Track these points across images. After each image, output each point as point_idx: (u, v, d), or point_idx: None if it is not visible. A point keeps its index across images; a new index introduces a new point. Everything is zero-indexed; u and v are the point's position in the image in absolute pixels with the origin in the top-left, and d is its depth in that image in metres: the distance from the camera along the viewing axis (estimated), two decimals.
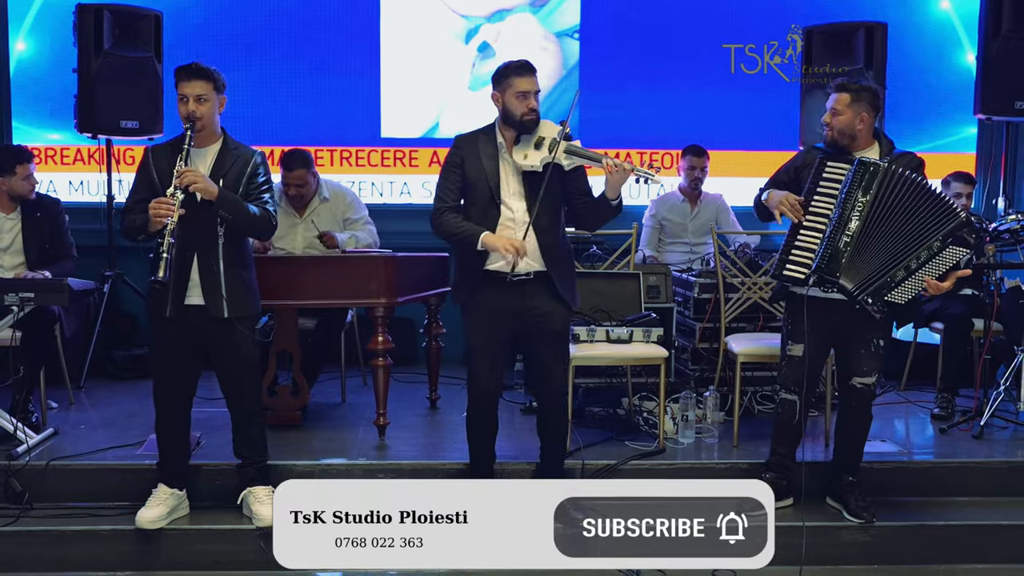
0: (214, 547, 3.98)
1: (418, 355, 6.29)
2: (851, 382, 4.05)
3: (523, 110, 3.87)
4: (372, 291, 4.58)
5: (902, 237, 3.86)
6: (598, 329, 4.63)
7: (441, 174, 4.03)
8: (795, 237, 3.97)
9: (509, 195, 3.93)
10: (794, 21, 6.58)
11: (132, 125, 6.00)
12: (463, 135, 4.09)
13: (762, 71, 6.76)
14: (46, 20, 6.57)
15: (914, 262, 3.85)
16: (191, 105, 3.87)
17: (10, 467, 4.17)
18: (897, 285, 3.86)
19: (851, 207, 3.87)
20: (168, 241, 3.70)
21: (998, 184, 6.62)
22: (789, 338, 4.10)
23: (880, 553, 4.05)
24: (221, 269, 3.91)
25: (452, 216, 3.95)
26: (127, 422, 4.94)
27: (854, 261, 3.88)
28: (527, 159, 3.87)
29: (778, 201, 3.99)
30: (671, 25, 6.86)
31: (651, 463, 4.37)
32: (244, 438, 4.10)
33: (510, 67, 3.92)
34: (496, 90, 3.93)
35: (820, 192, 3.95)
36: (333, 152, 6.76)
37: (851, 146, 4.01)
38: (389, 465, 4.31)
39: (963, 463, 4.49)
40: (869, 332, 4.00)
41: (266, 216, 3.99)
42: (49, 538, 3.96)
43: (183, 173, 3.77)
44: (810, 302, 3.94)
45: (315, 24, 6.70)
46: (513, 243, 3.80)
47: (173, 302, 3.89)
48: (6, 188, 5.03)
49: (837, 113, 3.99)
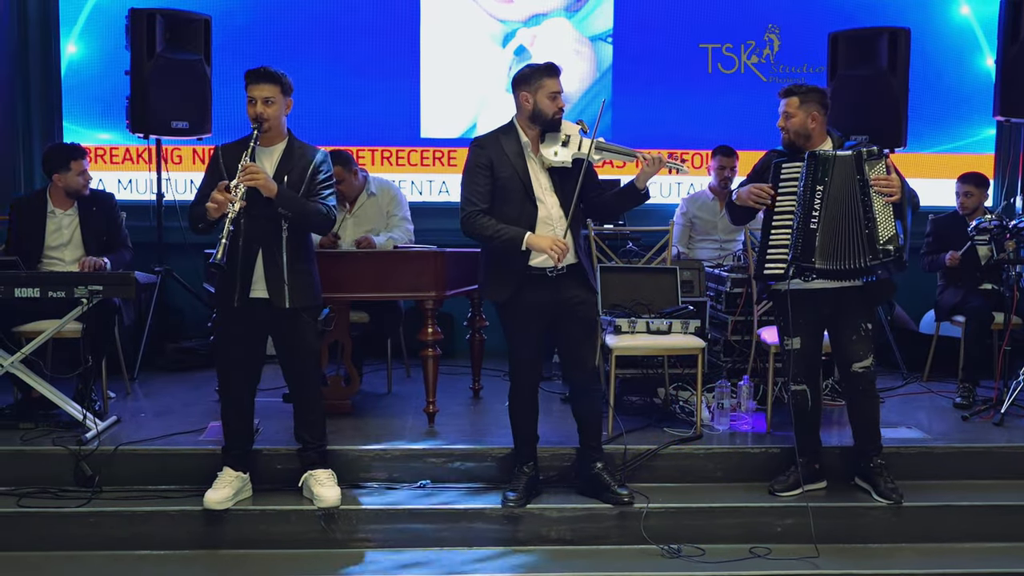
0: (277, 527, 4.12)
1: (457, 348, 6.51)
2: (851, 369, 4.22)
3: (554, 109, 4.03)
4: (423, 284, 4.75)
5: (854, 200, 4.04)
6: (639, 321, 4.81)
7: (466, 176, 4.11)
8: (768, 238, 4.18)
9: (542, 191, 4.08)
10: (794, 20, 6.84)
11: (182, 126, 6.18)
12: (481, 136, 4.19)
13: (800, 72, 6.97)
14: (97, 23, 6.76)
15: (865, 199, 4.02)
16: (259, 107, 4.03)
17: (80, 452, 4.32)
18: (876, 227, 4.01)
19: (811, 198, 4.07)
20: (228, 228, 3.86)
21: (1016, 184, 6.77)
22: (784, 334, 4.28)
23: (908, 532, 4.20)
24: (284, 262, 4.06)
25: (486, 219, 4.03)
26: (184, 411, 5.11)
27: (825, 244, 4.07)
28: (558, 156, 4.03)
29: (746, 193, 4.19)
30: (700, 29, 7.03)
31: (690, 448, 4.54)
32: (305, 423, 4.25)
33: (540, 69, 4.06)
34: (525, 91, 4.05)
35: (781, 192, 4.16)
36: (374, 152, 6.92)
37: (807, 145, 4.19)
38: (441, 450, 4.47)
39: (986, 448, 4.64)
40: (856, 318, 4.19)
41: (325, 212, 4.12)
42: (120, 518, 4.10)
43: (247, 167, 3.93)
44: (795, 295, 4.13)
45: (356, 27, 6.87)
46: (558, 243, 3.95)
47: (240, 293, 4.05)
48: (62, 184, 5.19)
49: (789, 116, 4.19)
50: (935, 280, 6.03)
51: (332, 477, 4.23)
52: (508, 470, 4.35)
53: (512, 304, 4.11)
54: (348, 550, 4.11)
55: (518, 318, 4.13)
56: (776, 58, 7.04)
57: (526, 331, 4.14)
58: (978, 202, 5.80)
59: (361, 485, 4.36)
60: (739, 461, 4.52)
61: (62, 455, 4.34)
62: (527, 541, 4.15)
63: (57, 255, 5.23)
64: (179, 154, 6.83)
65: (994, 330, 5.58)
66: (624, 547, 4.12)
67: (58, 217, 5.24)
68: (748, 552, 4.07)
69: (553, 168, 4.07)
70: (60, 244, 5.23)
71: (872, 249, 4.03)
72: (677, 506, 4.22)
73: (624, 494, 4.18)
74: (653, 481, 4.42)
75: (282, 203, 4.00)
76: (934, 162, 7.07)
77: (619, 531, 4.17)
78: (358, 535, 4.15)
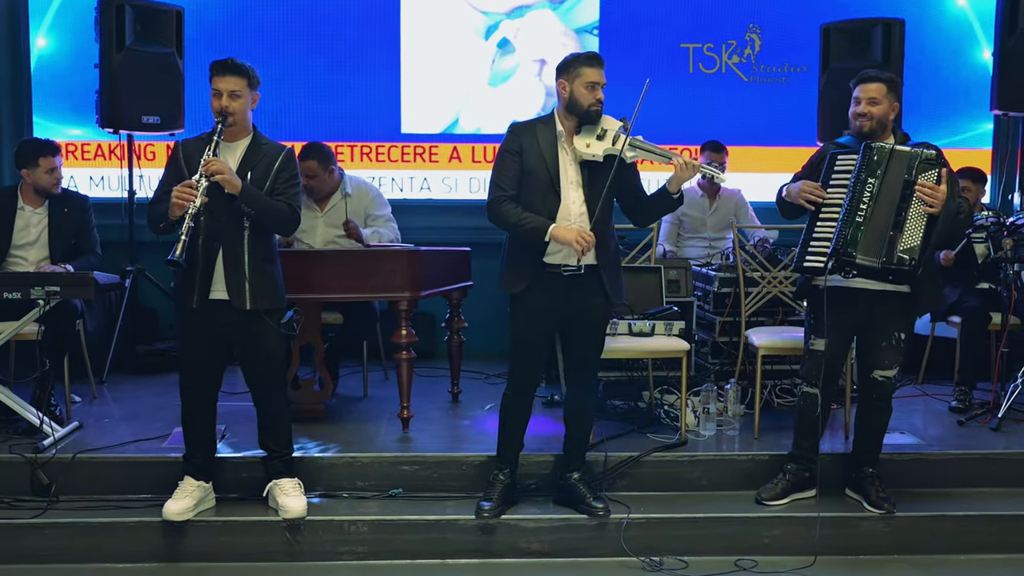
0: (241, 539, 4.00)
1: (437, 350, 6.36)
2: (872, 375, 4.08)
3: (591, 100, 3.89)
4: (396, 285, 4.60)
5: (894, 197, 3.89)
6: (620, 322, 4.67)
7: (497, 161, 4.01)
8: (812, 229, 4.02)
9: (568, 184, 3.94)
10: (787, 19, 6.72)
11: (154, 121, 6.04)
12: (519, 123, 4.07)
13: (780, 71, 6.87)
14: (66, 16, 6.62)
15: (903, 202, 3.87)
16: (224, 100, 3.91)
17: (36, 460, 4.19)
18: (902, 230, 3.87)
19: (860, 190, 3.92)
20: (188, 225, 3.74)
21: (1014, 179, 6.66)
22: (812, 332, 4.14)
23: (901, 543, 4.09)
24: (246, 262, 3.93)
25: (513, 206, 3.92)
26: (151, 416, 4.97)
27: (867, 238, 3.90)
28: (589, 148, 3.89)
29: (798, 191, 4.04)
30: (689, 21, 6.91)
31: (673, 455, 4.41)
32: (269, 431, 4.13)
33: (580, 57, 3.94)
34: (563, 78, 3.93)
35: (833, 184, 4.01)
36: (353, 148, 6.79)
37: (882, 137, 4.04)
38: (414, 458, 4.35)
39: (982, 455, 4.51)
40: (891, 326, 4.04)
41: (289, 211, 4.01)
42: (76, 530, 3.99)
43: (209, 162, 3.80)
44: (833, 294, 3.98)
45: (335, 20, 6.74)
46: (585, 236, 3.80)
47: (199, 294, 3.92)
48: (30, 181, 5.06)
49: (876, 102, 4.02)
50: None
51: (298, 487, 4.10)
52: (484, 478, 4.19)
53: (522, 299, 3.99)
54: (315, 562, 4.00)
55: (527, 316, 4.00)
56: (758, 58, 6.91)
57: (532, 331, 4.01)
58: (975, 198, 5.65)
59: (330, 495, 4.23)
60: (725, 469, 4.39)
61: (18, 463, 4.20)
62: (502, 553, 4.03)
63: (21, 254, 5.08)
64: (152, 150, 6.69)
65: (991, 331, 5.46)
66: (603, 559, 4.00)
67: (27, 214, 5.10)
68: (734, 565, 3.96)
69: (585, 162, 3.93)
70: (26, 243, 5.09)
71: (888, 252, 3.87)
72: (660, 516, 4.10)
73: (599, 507, 4.04)
74: (635, 490, 4.29)
75: (246, 200, 3.88)
76: None
77: (598, 543, 4.03)
78: (324, 547, 4.02)
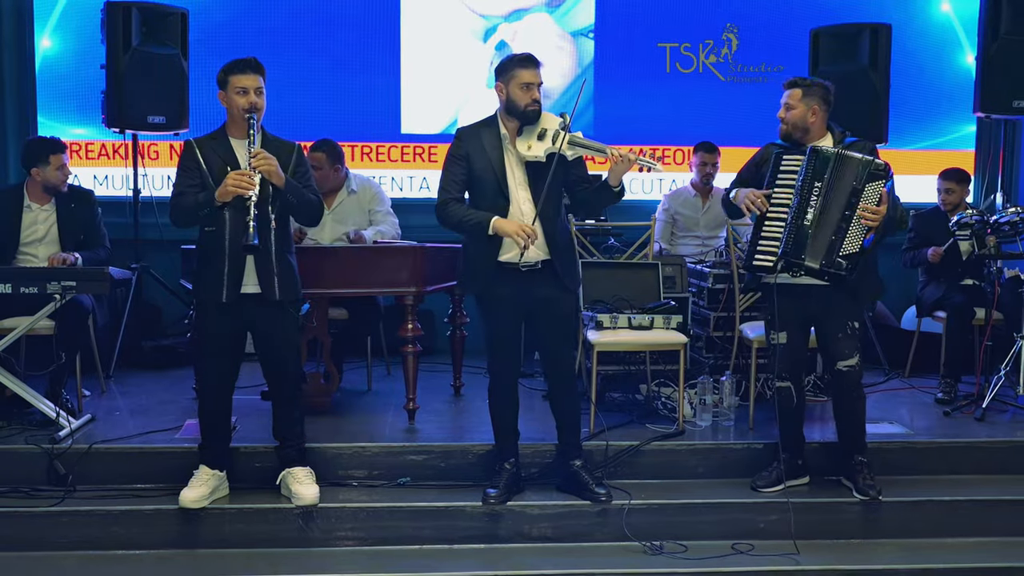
0: (255, 526, 4.08)
1: (438, 345, 6.46)
2: (837, 367, 4.20)
3: (527, 101, 3.97)
4: (402, 280, 4.70)
5: (840, 203, 4.02)
6: (620, 316, 4.80)
7: (445, 166, 4.11)
8: (760, 229, 4.15)
9: (515, 185, 4.05)
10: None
11: (159, 120, 6.11)
12: (464, 128, 4.16)
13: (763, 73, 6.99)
14: (71, 17, 6.68)
15: (848, 211, 4.00)
16: (252, 96, 3.99)
17: (53, 451, 4.26)
18: (844, 237, 4.00)
19: (808, 193, 4.05)
20: (253, 212, 3.82)
21: (996, 180, 6.78)
22: (771, 328, 4.26)
23: (889, 527, 4.21)
24: (273, 253, 4.03)
25: (458, 206, 4.05)
26: (159, 409, 5.05)
27: (815, 241, 4.04)
28: (531, 150, 3.97)
29: (744, 197, 4.17)
30: (682, 24, 7.01)
31: (672, 444, 4.52)
32: (284, 420, 4.21)
33: (514, 59, 4.02)
34: (500, 81, 4.03)
35: (779, 184, 4.13)
36: (354, 147, 6.87)
37: (804, 139, 4.17)
38: (421, 447, 4.44)
39: (967, 443, 4.65)
40: (843, 316, 4.17)
41: (319, 201, 4.19)
42: (94, 518, 4.05)
43: (258, 154, 3.90)
44: (783, 289, 4.12)
45: (336, 22, 6.82)
46: (524, 228, 3.90)
47: (229, 289, 4.00)
48: (40, 179, 5.09)
49: (790, 108, 4.17)
50: (916, 276, 6.04)
51: (311, 475, 4.19)
52: (489, 467, 4.31)
53: (486, 298, 4.12)
54: (327, 548, 4.08)
55: (492, 312, 4.12)
56: (735, 57, 7.04)
57: (500, 325, 4.13)
58: (959, 198, 5.80)
59: (340, 483, 4.32)
60: (721, 457, 4.51)
61: (35, 454, 4.28)
62: (508, 538, 4.13)
63: (31, 251, 5.13)
64: (156, 149, 6.77)
65: (975, 325, 5.61)
66: (606, 544, 4.10)
67: (34, 212, 5.14)
68: (730, 548, 4.06)
69: (529, 162, 4.02)
70: (35, 240, 5.13)
71: (828, 255, 4.01)
72: (659, 502, 4.21)
73: (602, 493, 4.15)
74: (635, 477, 4.40)
75: (290, 190, 4.01)
76: (915, 158, 7.08)
77: (601, 528, 4.14)
78: (337, 533, 4.11)
